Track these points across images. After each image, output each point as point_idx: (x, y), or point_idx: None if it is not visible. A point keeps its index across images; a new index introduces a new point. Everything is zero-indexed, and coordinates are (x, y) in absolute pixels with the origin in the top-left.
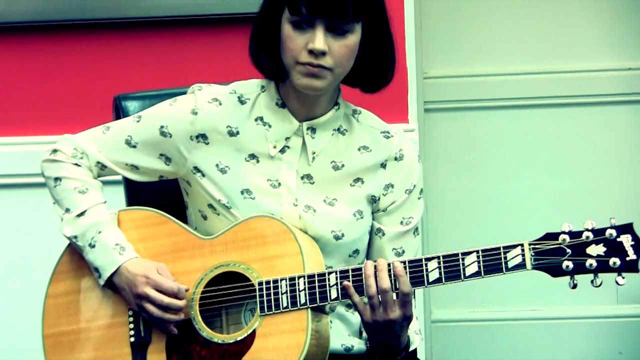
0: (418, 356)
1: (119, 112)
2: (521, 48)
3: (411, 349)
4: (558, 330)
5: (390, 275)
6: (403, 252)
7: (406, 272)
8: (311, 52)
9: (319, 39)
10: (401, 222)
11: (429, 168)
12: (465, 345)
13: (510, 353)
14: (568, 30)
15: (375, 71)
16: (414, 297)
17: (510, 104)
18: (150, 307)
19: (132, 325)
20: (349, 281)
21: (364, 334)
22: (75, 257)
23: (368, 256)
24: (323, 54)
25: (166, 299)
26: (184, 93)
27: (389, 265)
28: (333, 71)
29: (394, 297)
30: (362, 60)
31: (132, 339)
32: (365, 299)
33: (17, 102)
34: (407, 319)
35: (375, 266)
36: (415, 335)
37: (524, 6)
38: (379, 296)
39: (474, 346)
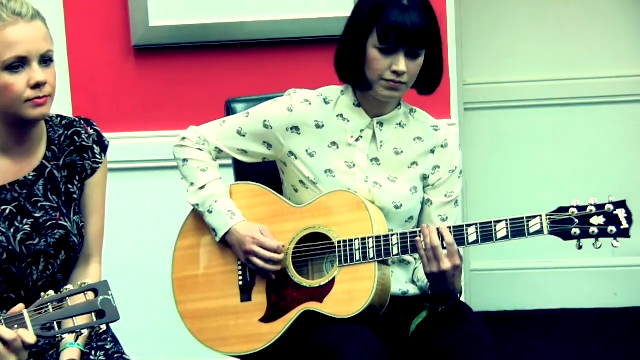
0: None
1: (229, 112)
2: (540, 60)
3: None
4: (567, 276)
5: (438, 235)
6: (446, 218)
7: (451, 233)
8: (394, 72)
9: (402, 63)
10: (445, 195)
11: (468, 153)
12: (496, 288)
13: (530, 294)
14: (578, 47)
15: (431, 79)
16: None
17: (532, 104)
18: (256, 260)
19: (240, 272)
20: (420, 237)
21: (419, 283)
22: (197, 219)
23: (419, 221)
24: (404, 73)
25: (269, 254)
26: (279, 96)
27: (438, 229)
28: (407, 84)
29: (444, 252)
30: (421, 72)
31: (241, 283)
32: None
33: (156, 104)
34: (456, 268)
35: (429, 228)
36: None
37: (547, 26)
38: (432, 251)
39: (503, 289)
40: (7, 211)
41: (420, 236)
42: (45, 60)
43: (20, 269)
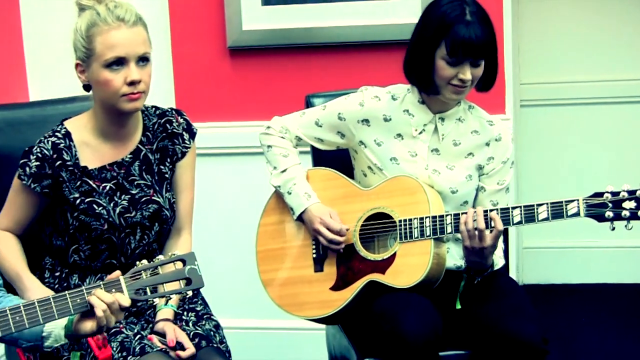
0: (511, 272)
1: (308, 105)
2: (590, 63)
3: (496, 268)
4: (610, 253)
5: (485, 218)
6: (497, 203)
7: (498, 214)
8: (460, 79)
9: (468, 73)
10: (497, 183)
11: (522, 145)
12: (546, 264)
13: (576, 269)
14: (625, 51)
15: (488, 79)
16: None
17: (580, 102)
18: (321, 239)
19: (314, 246)
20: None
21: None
22: (278, 199)
23: (473, 205)
24: (469, 80)
25: (331, 235)
26: (353, 92)
27: (485, 212)
28: (470, 87)
29: (488, 232)
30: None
31: (314, 255)
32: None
33: (247, 98)
34: (493, 247)
35: (475, 212)
36: (500, 259)
37: (597, 31)
38: (476, 231)
39: (552, 264)
40: (108, 188)
41: (468, 219)
42: (142, 60)
43: (120, 239)
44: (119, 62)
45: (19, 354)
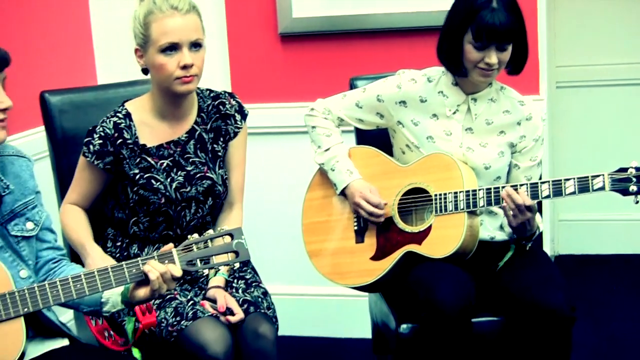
0: (546, 243)
1: (352, 87)
2: (626, 46)
3: (540, 231)
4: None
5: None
6: (531, 178)
7: (527, 193)
8: (487, 63)
9: (493, 57)
10: (530, 159)
11: (559, 124)
12: (581, 236)
13: (608, 240)
14: None
15: (518, 63)
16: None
17: (614, 83)
18: (361, 212)
19: (355, 219)
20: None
21: (506, 229)
22: (322, 176)
23: (507, 181)
24: (494, 64)
25: (370, 208)
26: (391, 76)
27: (514, 187)
28: (498, 70)
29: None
30: (510, 58)
31: (356, 228)
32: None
33: (296, 81)
34: (533, 215)
35: (510, 193)
36: (540, 223)
37: (629, 16)
38: (518, 207)
39: (585, 236)
40: (165, 164)
41: (505, 199)
42: (195, 45)
43: (176, 212)
44: (173, 47)
45: (87, 322)
